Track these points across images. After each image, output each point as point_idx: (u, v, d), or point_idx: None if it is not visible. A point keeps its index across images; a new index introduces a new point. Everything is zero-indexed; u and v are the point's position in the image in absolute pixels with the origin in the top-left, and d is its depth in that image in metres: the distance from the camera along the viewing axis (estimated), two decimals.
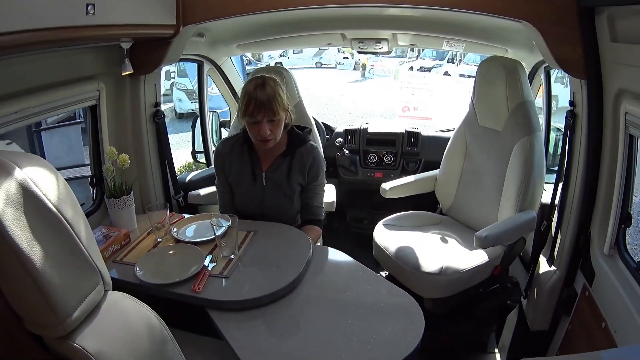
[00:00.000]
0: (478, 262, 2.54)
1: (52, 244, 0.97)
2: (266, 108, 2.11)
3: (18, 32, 1.41)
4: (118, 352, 1.04)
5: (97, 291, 1.07)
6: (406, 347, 1.66)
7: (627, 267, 2.06)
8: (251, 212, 2.41)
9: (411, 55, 22.07)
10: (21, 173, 0.93)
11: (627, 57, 1.92)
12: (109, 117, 2.51)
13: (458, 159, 3.03)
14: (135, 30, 2.12)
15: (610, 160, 2.17)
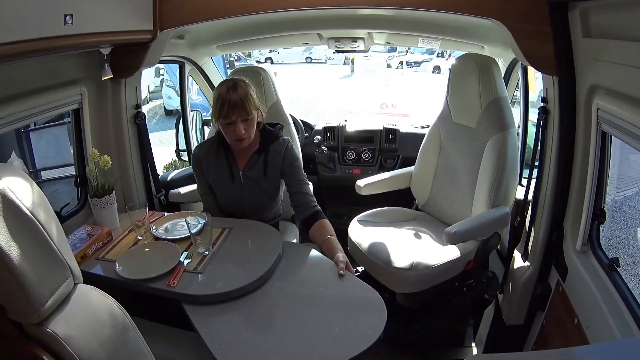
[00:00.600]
0: (450, 257, 2.63)
1: (27, 243, 1.13)
2: (239, 108, 2.27)
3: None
4: (84, 336, 1.22)
5: (67, 284, 1.24)
6: (369, 339, 1.78)
7: (599, 263, 2.13)
8: (233, 211, 2.59)
9: (401, 50, 22.22)
10: (1, 183, 1.10)
11: (600, 53, 1.97)
12: (91, 120, 2.65)
13: (433, 155, 3.15)
14: (113, 37, 2.25)
15: (583, 156, 2.23)
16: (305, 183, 2.58)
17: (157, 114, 13.37)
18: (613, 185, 4.86)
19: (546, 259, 2.54)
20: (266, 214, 2.65)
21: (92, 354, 1.23)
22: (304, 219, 2.52)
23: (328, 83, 19.31)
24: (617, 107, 1.83)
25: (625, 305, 1.86)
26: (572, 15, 2.09)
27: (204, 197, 2.67)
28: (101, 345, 1.26)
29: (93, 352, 1.23)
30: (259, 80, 3.16)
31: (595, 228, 2.23)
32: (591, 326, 1.99)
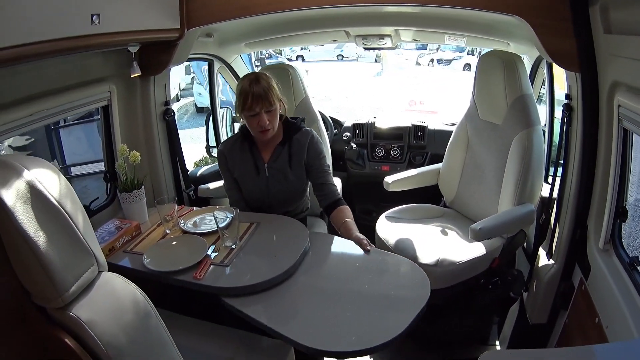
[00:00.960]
0: (475, 254, 2.65)
1: (53, 231, 1.21)
2: (263, 99, 2.34)
3: (26, 45, 1.65)
4: (106, 321, 1.28)
5: (92, 271, 1.32)
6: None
7: (620, 262, 2.12)
8: (259, 204, 2.65)
9: (432, 48, 22.21)
10: (29, 174, 1.18)
11: (621, 49, 1.95)
12: (120, 116, 2.73)
13: (460, 152, 3.16)
14: (140, 36, 2.33)
15: (606, 154, 2.22)
16: (328, 173, 2.66)
17: (188, 111, 13.58)
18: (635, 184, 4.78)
19: (570, 257, 2.52)
20: (292, 206, 2.71)
21: (114, 338, 1.28)
22: (326, 207, 2.63)
23: (359, 80, 19.34)
24: (638, 103, 1.82)
25: None
26: (592, 11, 2.08)
27: (230, 192, 2.73)
28: (122, 330, 1.32)
29: (114, 336, 1.29)
30: (288, 77, 3.21)
31: (618, 226, 2.22)
32: (611, 326, 1.97)
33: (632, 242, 4.68)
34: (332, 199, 2.61)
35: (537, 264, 2.77)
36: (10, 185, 1.16)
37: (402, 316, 1.90)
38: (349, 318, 1.89)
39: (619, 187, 2.16)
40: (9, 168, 1.18)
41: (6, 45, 1.58)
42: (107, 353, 1.26)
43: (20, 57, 1.66)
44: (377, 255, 2.28)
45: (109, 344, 1.26)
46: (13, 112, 2.01)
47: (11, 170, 1.17)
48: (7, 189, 1.15)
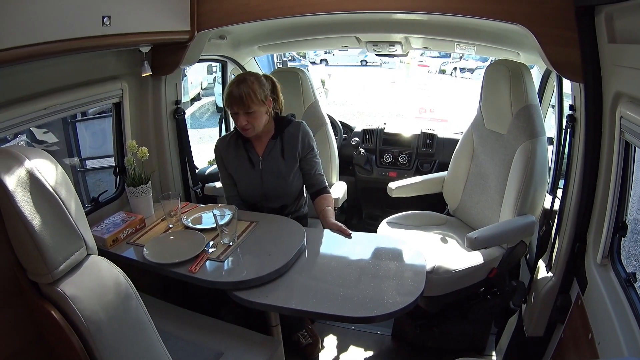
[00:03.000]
0: (472, 263, 2.76)
1: (48, 215, 1.40)
2: (239, 103, 2.56)
3: (39, 44, 1.85)
4: (88, 298, 1.46)
5: (80, 253, 1.51)
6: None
7: (617, 278, 2.16)
8: (254, 199, 2.86)
9: (455, 57, 22.27)
10: (29, 163, 1.37)
11: (624, 59, 1.98)
12: (132, 113, 2.94)
13: (465, 160, 3.27)
14: (151, 37, 2.51)
15: (607, 166, 2.25)
16: (317, 163, 2.92)
17: (209, 110, 13.83)
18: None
19: (568, 270, 2.58)
20: (288, 200, 2.90)
21: (94, 314, 1.45)
22: (312, 193, 2.92)
23: (380, 86, 19.58)
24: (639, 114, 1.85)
25: (637, 321, 1.88)
26: (598, 20, 2.11)
27: (226, 187, 2.93)
28: (103, 307, 1.49)
29: (94, 312, 1.46)
30: (297, 81, 3.39)
31: (617, 241, 2.26)
32: (603, 342, 2.01)
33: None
34: (318, 187, 2.89)
35: (536, 276, 2.81)
36: (12, 172, 1.34)
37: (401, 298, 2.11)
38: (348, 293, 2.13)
39: (619, 201, 2.20)
40: (12, 157, 1.36)
41: (25, 44, 1.78)
42: (87, 327, 1.43)
43: (35, 54, 1.87)
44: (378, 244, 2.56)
45: (89, 318, 1.44)
46: (30, 105, 2.22)
47: (14, 159, 1.36)
48: (10, 175, 1.33)
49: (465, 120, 3.39)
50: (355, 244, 2.55)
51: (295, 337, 3.13)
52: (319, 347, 3.20)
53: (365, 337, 3.36)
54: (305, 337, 3.15)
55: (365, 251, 2.51)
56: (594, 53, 2.19)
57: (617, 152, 2.13)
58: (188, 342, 2.25)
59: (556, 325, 2.66)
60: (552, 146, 3.08)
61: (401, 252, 2.49)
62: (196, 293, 2.91)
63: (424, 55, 24.06)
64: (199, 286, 2.31)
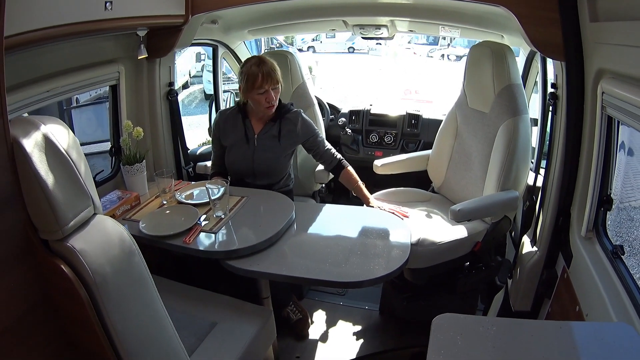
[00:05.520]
0: (457, 236, 2.96)
1: (60, 175, 1.55)
2: (271, 78, 2.84)
3: (46, 28, 2.05)
4: (95, 251, 1.62)
5: (88, 211, 1.68)
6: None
7: (603, 250, 2.32)
8: (242, 171, 3.12)
9: (443, 43, 22.71)
10: (45, 128, 1.54)
11: (606, 36, 2.12)
12: (127, 95, 3.16)
13: (449, 139, 3.47)
14: (148, 21, 2.73)
15: (590, 141, 2.42)
16: (322, 140, 3.24)
17: (197, 98, 14.06)
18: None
19: (553, 245, 2.77)
20: (275, 179, 3.18)
21: (100, 267, 1.61)
22: (332, 169, 3.26)
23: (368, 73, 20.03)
24: (621, 89, 1.98)
25: (626, 292, 2.01)
26: (580, 0, 2.27)
27: (215, 154, 3.24)
28: (108, 261, 1.65)
29: (101, 265, 1.61)
30: (286, 62, 3.62)
31: (602, 215, 2.42)
32: (591, 313, 2.16)
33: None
34: (335, 162, 3.21)
35: (521, 252, 3.00)
36: (30, 136, 1.49)
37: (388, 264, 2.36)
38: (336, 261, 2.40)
39: (603, 175, 2.37)
40: (30, 123, 1.54)
41: (32, 29, 1.98)
42: (94, 279, 1.58)
43: (43, 38, 2.07)
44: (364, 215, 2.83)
45: (96, 271, 1.59)
46: (32, 89, 2.43)
47: (31, 124, 1.54)
48: (28, 139, 1.48)
49: (450, 102, 3.60)
50: (343, 216, 2.83)
51: (285, 313, 3.35)
52: (308, 322, 3.42)
53: (354, 312, 3.59)
54: (294, 312, 3.37)
55: (353, 223, 2.75)
56: (575, 32, 2.36)
57: (599, 127, 2.30)
58: (182, 312, 2.42)
59: (543, 299, 2.85)
60: (536, 127, 3.25)
61: (387, 222, 2.74)
62: (190, 268, 3.13)
63: (411, 43, 24.42)
64: (192, 262, 2.56)
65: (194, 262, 3.03)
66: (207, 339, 2.36)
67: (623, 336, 1.60)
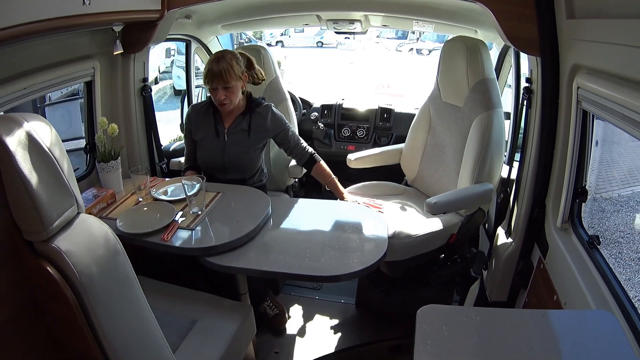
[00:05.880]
0: (432, 229, 3.00)
1: (44, 173, 1.53)
2: (219, 77, 2.87)
3: (25, 24, 2.03)
4: (81, 252, 1.61)
5: (72, 210, 1.67)
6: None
7: (579, 240, 2.38)
8: (213, 166, 3.15)
9: (412, 38, 23.02)
10: (28, 125, 1.53)
11: (582, 33, 2.17)
12: (102, 92, 3.15)
13: (422, 132, 3.52)
14: (125, 16, 2.72)
15: (565, 134, 2.48)
16: (294, 135, 3.27)
17: (166, 93, 14.02)
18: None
19: (528, 236, 2.83)
20: (247, 174, 3.20)
21: (87, 267, 1.60)
22: (304, 164, 3.30)
23: (336, 67, 20.32)
24: (597, 84, 2.05)
25: (603, 280, 2.08)
26: None
27: (187, 148, 3.27)
28: (94, 261, 1.64)
29: (87, 266, 1.60)
30: (259, 57, 3.63)
31: (577, 206, 2.50)
32: (569, 302, 2.22)
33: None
34: (307, 156, 3.25)
35: (495, 243, 3.06)
36: (13, 134, 1.46)
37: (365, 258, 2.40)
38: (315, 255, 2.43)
39: (578, 167, 2.44)
40: (12, 121, 1.52)
41: (8, 25, 1.96)
42: (80, 280, 1.57)
43: (22, 34, 2.05)
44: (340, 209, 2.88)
45: (82, 272, 1.58)
46: (10, 86, 2.41)
47: (14, 122, 1.51)
48: (11, 137, 1.45)
49: (421, 96, 3.66)
50: (320, 211, 2.87)
51: (261, 308, 3.38)
52: (285, 317, 3.46)
53: (330, 306, 3.64)
54: (271, 307, 3.40)
55: (330, 217, 2.79)
56: (551, 28, 2.42)
57: (574, 121, 2.36)
58: (162, 311, 2.33)
59: (519, 289, 2.92)
60: (509, 121, 3.30)
61: (363, 216, 2.77)
62: (167, 267, 3.12)
63: (380, 37, 24.63)
64: (169, 260, 2.59)
65: (170, 260, 3.03)
66: (188, 337, 2.37)
67: (604, 324, 1.64)
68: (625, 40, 1.79)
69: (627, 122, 1.84)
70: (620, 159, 6.42)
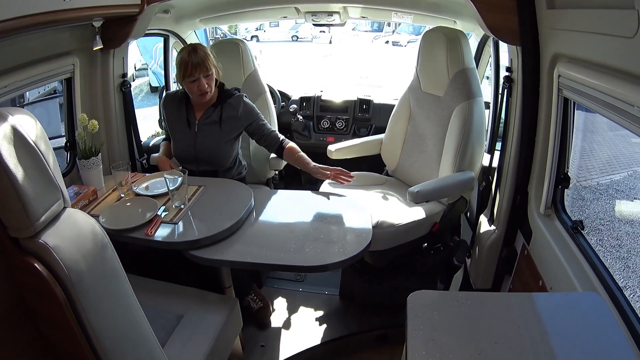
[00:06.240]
0: (415, 217, 3.04)
1: (30, 167, 1.51)
2: (201, 66, 2.89)
3: (6, 20, 2.03)
4: (69, 247, 1.59)
5: (58, 204, 1.65)
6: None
7: (563, 226, 2.45)
8: (186, 157, 3.18)
9: (387, 30, 23.31)
10: (13, 119, 1.51)
11: (562, 22, 2.22)
12: (82, 88, 3.15)
13: (402, 123, 3.57)
14: (105, 11, 2.73)
15: (546, 122, 2.55)
16: (265, 124, 3.26)
17: (143, 90, 13.93)
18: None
19: (511, 223, 2.91)
20: (219, 165, 3.27)
21: (75, 263, 1.57)
22: (276, 151, 3.26)
23: (312, 61, 20.49)
24: (577, 72, 2.11)
25: (588, 263, 2.15)
26: None
27: (165, 131, 3.35)
28: (83, 256, 1.61)
29: (76, 262, 1.58)
30: (238, 51, 3.68)
31: (560, 192, 2.58)
32: (555, 286, 2.29)
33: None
34: (277, 143, 3.23)
35: (478, 231, 3.13)
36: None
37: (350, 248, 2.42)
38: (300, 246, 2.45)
39: (560, 154, 2.51)
40: None
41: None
42: (69, 276, 1.54)
43: (4, 31, 2.05)
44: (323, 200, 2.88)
45: (71, 267, 1.55)
46: None
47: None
48: None
49: (399, 86, 3.71)
50: (301, 201, 2.90)
51: (245, 302, 3.40)
52: (270, 310, 3.49)
53: (314, 298, 3.68)
54: (255, 301, 3.43)
55: (313, 207, 2.83)
56: (532, 18, 2.47)
57: (555, 108, 2.43)
58: (147, 307, 2.24)
59: (504, 276, 3.00)
60: (488, 110, 3.36)
61: (347, 207, 2.80)
62: (150, 263, 3.13)
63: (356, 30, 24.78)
64: (152, 256, 2.62)
65: (153, 256, 3.05)
66: (175, 332, 2.39)
67: (593, 305, 1.71)
68: (603, 29, 1.85)
69: (607, 108, 1.89)
70: (599, 148, 6.55)
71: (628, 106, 1.70)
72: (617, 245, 5.04)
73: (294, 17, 4.09)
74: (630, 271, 4.63)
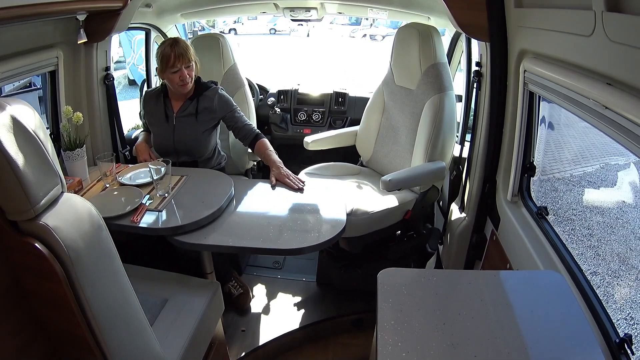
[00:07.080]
0: (388, 205, 3.23)
1: (29, 154, 1.56)
2: (183, 57, 3.06)
3: None
4: (68, 227, 1.65)
5: (57, 189, 1.69)
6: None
7: (529, 212, 2.60)
8: (165, 149, 3.33)
9: (365, 24, 23.66)
10: (11, 109, 1.55)
11: (529, 20, 2.34)
12: (65, 81, 3.25)
13: (376, 115, 3.75)
14: (89, 4, 2.80)
15: (513, 115, 2.68)
16: (242, 116, 3.41)
17: (121, 83, 13.93)
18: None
19: (481, 210, 3.05)
20: (197, 155, 3.43)
21: (74, 242, 1.64)
22: (249, 144, 3.39)
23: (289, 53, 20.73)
24: (541, 68, 2.24)
25: (551, 245, 2.30)
26: None
27: (144, 126, 3.50)
28: (81, 236, 1.68)
29: (74, 241, 1.64)
30: (218, 45, 3.82)
31: (526, 181, 2.72)
32: (521, 268, 2.44)
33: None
34: (251, 136, 3.36)
35: (450, 219, 3.28)
36: None
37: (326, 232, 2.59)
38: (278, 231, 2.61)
39: (526, 144, 2.65)
40: None
41: None
42: (69, 255, 1.61)
43: None
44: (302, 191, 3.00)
45: (70, 246, 1.61)
46: None
47: None
48: None
49: (375, 80, 3.87)
50: (280, 191, 3.02)
51: (226, 288, 3.56)
52: (250, 296, 3.65)
53: (292, 285, 3.85)
54: (235, 287, 3.59)
55: (291, 195, 2.97)
56: (500, 16, 2.59)
57: (521, 102, 2.57)
58: (135, 292, 2.27)
59: (474, 261, 3.15)
60: (461, 103, 3.49)
61: (323, 196, 2.95)
62: (134, 251, 3.14)
63: (334, 23, 24.90)
64: (134, 242, 2.76)
65: (136, 242, 3.16)
66: (161, 315, 2.49)
67: (553, 281, 1.88)
68: (567, 28, 1.98)
69: (568, 101, 2.02)
70: (572, 140, 6.76)
71: (585, 99, 1.83)
72: (589, 235, 5.21)
73: (272, 12, 4.22)
74: (600, 259, 4.81)
